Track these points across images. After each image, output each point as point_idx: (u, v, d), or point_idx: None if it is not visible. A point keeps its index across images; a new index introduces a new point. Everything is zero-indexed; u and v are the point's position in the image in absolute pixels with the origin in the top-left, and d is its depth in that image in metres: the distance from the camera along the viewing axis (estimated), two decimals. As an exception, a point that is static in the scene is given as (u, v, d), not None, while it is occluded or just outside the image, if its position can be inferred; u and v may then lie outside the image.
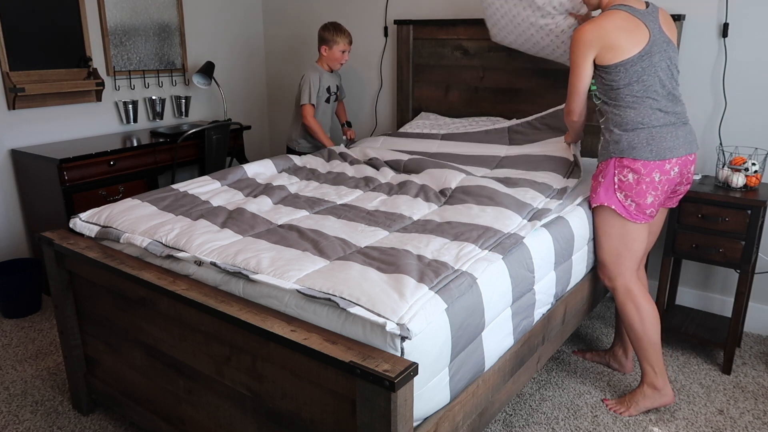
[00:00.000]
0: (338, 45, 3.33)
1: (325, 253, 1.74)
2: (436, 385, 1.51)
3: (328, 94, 3.45)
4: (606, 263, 2.25)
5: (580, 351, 2.70)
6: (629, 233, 2.18)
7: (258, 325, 1.47)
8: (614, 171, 2.14)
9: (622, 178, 2.13)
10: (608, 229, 2.21)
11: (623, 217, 2.16)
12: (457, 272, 1.62)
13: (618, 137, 2.13)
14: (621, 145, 2.12)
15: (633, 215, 2.14)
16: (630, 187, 2.12)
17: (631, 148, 2.09)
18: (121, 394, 2.08)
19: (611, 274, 2.25)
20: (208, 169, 3.53)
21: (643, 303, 2.21)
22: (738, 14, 2.66)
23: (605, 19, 2.10)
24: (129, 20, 3.58)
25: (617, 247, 2.20)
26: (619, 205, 2.15)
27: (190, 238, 1.86)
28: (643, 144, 2.09)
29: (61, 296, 2.13)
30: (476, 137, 3.09)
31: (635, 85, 2.09)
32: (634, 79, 2.09)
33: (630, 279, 2.22)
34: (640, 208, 2.13)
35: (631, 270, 2.22)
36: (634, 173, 2.10)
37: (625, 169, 2.11)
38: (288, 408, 1.54)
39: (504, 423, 2.24)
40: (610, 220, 2.19)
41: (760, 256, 2.77)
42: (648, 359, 2.24)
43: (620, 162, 2.12)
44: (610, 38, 2.07)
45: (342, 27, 3.35)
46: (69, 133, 3.40)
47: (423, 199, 2.29)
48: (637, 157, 2.09)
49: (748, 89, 2.70)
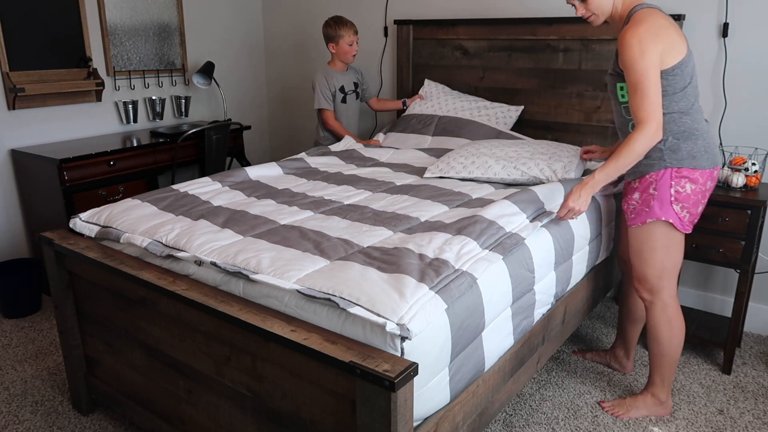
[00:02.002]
0: (344, 38, 3.28)
1: (326, 253, 1.74)
2: (436, 385, 1.51)
3: (343, 94, 3.39)
4: (648, 277, 2.12)
5: (580, 351, 2.70)
6: (676, 245, 2.07)
7: (258, 325, 1.47)
8: (671, 183, 1.99)
9: (679, 189, 1.99)
10: (655, 243, 2.07)
11: (676, 229, 2.04)
12: (458, 272, 1.62)
13: (675, 146, 1.97)
14: (680, 155, 1.97)
15: (685, 226, 2.04)
16: (687, 198, 1.99)
17: (691, 157, 1.97)
18: (121, 394, 2.08)
19: (654, 289, 2.12)
20: (208, 170, 3.53)
21: (677, 320, 2.14)
22: (738, 14, 2.66)
23: (653, 15, 1.91)
24: (129, 20, 3.58)
25: (662, 261, 2.08)
26: (675, 218, 2.02)
27: (190, 238, 1.86)
28: (701, 152, 1.97)
29: (61, 296, 2.13)
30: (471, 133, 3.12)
31: (689, 88, 1.96)
32: (687, 81, 1.94)
33: (672, 294, 2.13)
34: (692, 218, 2.04)
35: (673, 283, 2.13)
36: (692, 183, 1.98)
37: (683, 180, 1.98)
38: (288, 408, 1.54)
39: (504, 423, 2.24)
40: (660, 234, 2.06)
41: (760, 256, 2.77)
42: (661, 372, 2.21)
43: (678, 172, 1.98)
44: (668, 32, 1.89)
45: (343, 19, 3.29)
46: (69, 133, 3.40)
47: (434, 201, 2.27)
48: (697, 167, 1.97)
49: (748, 89, 2.70)
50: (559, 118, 3.17)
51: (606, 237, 2.44)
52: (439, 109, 3.36)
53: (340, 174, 2.71)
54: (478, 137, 3.07)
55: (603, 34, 2.94)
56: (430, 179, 2.60)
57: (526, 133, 3.27)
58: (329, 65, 3.40)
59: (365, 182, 2.56)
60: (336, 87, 3.35)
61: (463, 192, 2.37)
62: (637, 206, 2.08)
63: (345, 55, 3.33)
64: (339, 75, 3.38)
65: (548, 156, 2.52)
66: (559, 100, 3.14)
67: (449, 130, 3.20)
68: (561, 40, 3.07)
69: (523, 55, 3.21)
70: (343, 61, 3.37)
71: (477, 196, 2.36)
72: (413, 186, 2.47)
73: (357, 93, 3.47)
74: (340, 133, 3.36)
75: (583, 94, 3.07)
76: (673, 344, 2.16)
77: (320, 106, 3.33)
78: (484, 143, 2.73)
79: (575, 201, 2.02)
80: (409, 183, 2.55)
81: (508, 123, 3.21)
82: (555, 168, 2.45)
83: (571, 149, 2.61)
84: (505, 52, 3.26)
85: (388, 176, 2.66)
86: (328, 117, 3.36)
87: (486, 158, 2.58)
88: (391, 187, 2.48)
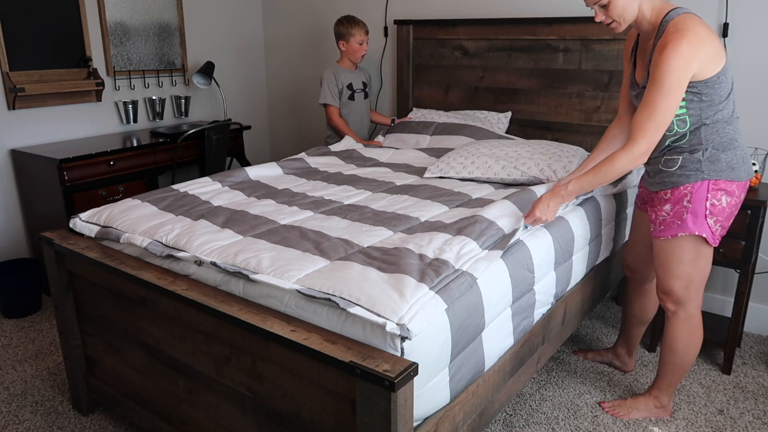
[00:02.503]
0: (354, 37, 3.31)
1: (326, 253, 1.74)
2: (436, 385, 1.51)
3: (351, 91, 3.40)
4: (675, 290, 2.03)
5: (581, 351, 2.69)
6: (705, 257, 1.98)
7: (258, 325, 1.47)
8: (707, 195, 1.89)
9: (715, 202, 1.89)
10: (683, 255, 1.97)
11: (706, 243, 1.94)
12: (458, 272, 1.62)
13: (715, 157, 1.87)
14: (719, 166, 1.87)
15: (716, 240, 1.95)
16: (722, 211, 1.90)
17: (731, 168, 1.88)
18: (121, 394, 2.08)
19: (680, 301, 2.04)
20: (208, 169, 3.53)
21: (698, 333, 2.08)
22: (738, 14, 2.66)
23: (693, 21, 1.78)
24: (129, 20, 3.58)
25: (690, 273, 1.99)
26: (708, 232, 1.91)
27: (190, 238, 1.86)
28: (740, 163, 1.89)
29: (61, 296, 2.13)
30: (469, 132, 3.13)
31: (731, 96, 1.87)
32: (729, 88, 1.85)
33: (697, 305, 2.05)
34: (723, 231, 1.95)
35: (700, 295, 2.05)
36: (729, 196, 1.89)
37: (720, 192, 1.89)
38: (288, 408, 1.54)
39: (504, 423, 2.24)
40: (690, 248, 1.96)
41: (760, 256, 2.77)
42: (669, 379, 2.19)
43: (716, 185, 1.88)
44: (712, 44, 1.78)
45: (355, 18, 3.32)
46: (69, 133, 3.40)
47: (434, 201, 2.27)
48: (735, 179, 1.88)
49: (748, 89, 2.70)
50: (559, 118, 3.17)
51: (606, 237, 2.44)
52: (437, 119, 3.38)
53: (340, 174, 2.71)
54: (478, 137, 3.07)
55: (603, 34, 2.94)
56: (430, 179, 2.60)
57: (526, 133, 3.28)
58: (338, 63, 3.42)
59: (365, 182, 2.56)
60: (344, 84, 3.37)
61: (463, 192, 2.38)
62: (667, 218, 1.96)
63: (354, 53, 3.35)
64: (348, 73, 3.40)
65: (548, 156, 2.52)
66: (559, 100, 3.15)
67: (449, 131, 3.21)
68: (561, 40, 3.07)
69: (523, 55, 3.21)
70: (352, 60, 3.39)
71: (477, 196, 2.36)
72: (413, 186, 2.47)
73: (366, 93, 3.49)
74: (343, 131, 3.37)
75: (583, 94, 3.07)
76: (688, 356, 2.11)
77: (324, 101, 3.35)
78: (484, 143, 2.74)
79: (543, 211, 1.95)
80: (409, 183, 2.55)
81: (501, 129, 3.24)
82: (555, 168, 2.45)
83: (571, 149, 2.61)
84: (505, 52, 3.26)
85: (388, 176, 2.66)
86: (332, 113, 3.37)
87: (486, 158, 2.58)
88: (391, 187, 2.48)
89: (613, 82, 2.97)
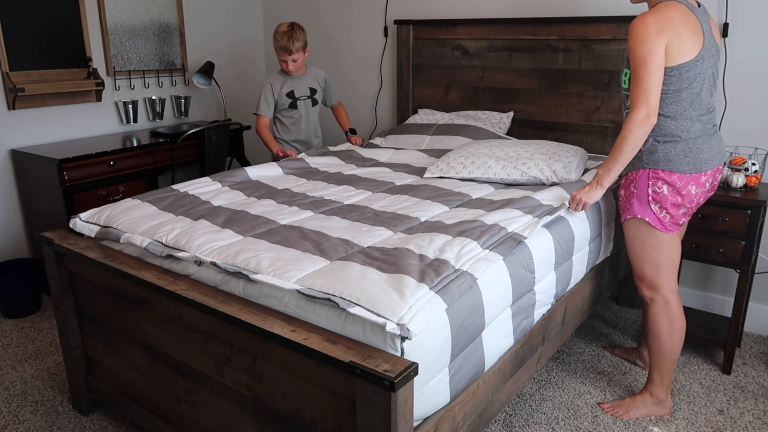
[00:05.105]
0: (277, 53, 3.14)
1: (326, 253, 1.74)
2: (436, 385, 1.51)
3: (291, 99, 3.24)
4: (646, 274, 2.15)
5: (609, 346, 2.75)
6: (665, 243, 2.09)
7: (258, 325, 1.47)
8: (648, 183, 2.03)
9: (656, 189, 2.02)
10: (642, 237, 2.11)
11: (657, 229, 2.07)
12: (458, 272, 1.62)
13: (653, 148, 2.00)
14: (656, 156, 2.00)
15: (667, 227, 2.06)
16: (665, 199, 2.02)
17: (668, 160, 1.98)
18: (121, 394, 2.08)
19: (653, 285, 2.15)
20: (208, 170, 3.53)
21: (678, 317, 2.16)
22: (738, 14, 2.66)
23: (669, 8, 1.89)
24: (129, 20, 3.58)
25: (656, 258, 2.11)
26: (653, 217, 2.05)
27: (190, 238, 1.86)
28: (680, 156, 1.98)
29: (61, 296, 2.13)
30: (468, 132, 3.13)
31: (683, 93, 1.94)
32: (684, 86, 1.93)
33: (671, 290, 2.15)
34: (673, 219, 2.05)
35: (673, 279, 2.15)
36: (670, 186, 2.00)
37: (660, 181, 2.01)
38: (288, 408, 1.54)
39: (504, 423, 2.24)
40: (645, 231, 2.09)
41: (760, 256, 2.77)
42: (660, 370, 2.22)
43: (654, 174, 2.01)
44: (679, 31, 1.87)
45: (279, 31, 3.06)
46: (69, 133, 3.40)
47: (434, 201, 2.27)
48: (674, 170, 1.98)
49: (748, 89, 2.70)
50: (559, 118, 3.17)
51: (606, 237, 2.44)
52: (438, 120, 3.38)
53: (340, 174, 2.71)
54: (478, 138, 3.07)
55: (603, 34, 2.94)
56: (430, 179, 2.60)
57: (526, 133, 3.28)
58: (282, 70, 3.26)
59: (365, 182, 2.56)
60: (283, 93, 3.22)
61: (463, 192, 2.38)
62: (622, 202, 2.15)
63: (282, 65, 3.20)
64: (291, 80, 3.24)
65: (548, 156, 2.52)
66: (559, 100, 3.15)
67: (449, 131, 3.20)
68: (561, 40, 3.07)
69: (523, 55, 3.21)
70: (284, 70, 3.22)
71: (477, 196, 2.36)
72: (413, 186, 2.47)
73: (314, 99, 3.33)
74: (267, 142, 3.20)
75: (583, 94, 3.07)
76: (673, 342, 2.17)
77: (256, 111, 3.22)
78: (484, 143, 2.74)
79: (582, 194, 2.10)
80: (409, 183, 2.55)
81: (503, 128, 3.24)
82: (555, 168, 2.45)
83: (571, 149, 2.61)
84: (505, 52, 3.26)
85: (388, 176, 2.66)
86: (259, 123, 3.22)
87: (486, 158, 2.58)
88: (391, 187, 2.48)
89: (613, 82, 2.97)
